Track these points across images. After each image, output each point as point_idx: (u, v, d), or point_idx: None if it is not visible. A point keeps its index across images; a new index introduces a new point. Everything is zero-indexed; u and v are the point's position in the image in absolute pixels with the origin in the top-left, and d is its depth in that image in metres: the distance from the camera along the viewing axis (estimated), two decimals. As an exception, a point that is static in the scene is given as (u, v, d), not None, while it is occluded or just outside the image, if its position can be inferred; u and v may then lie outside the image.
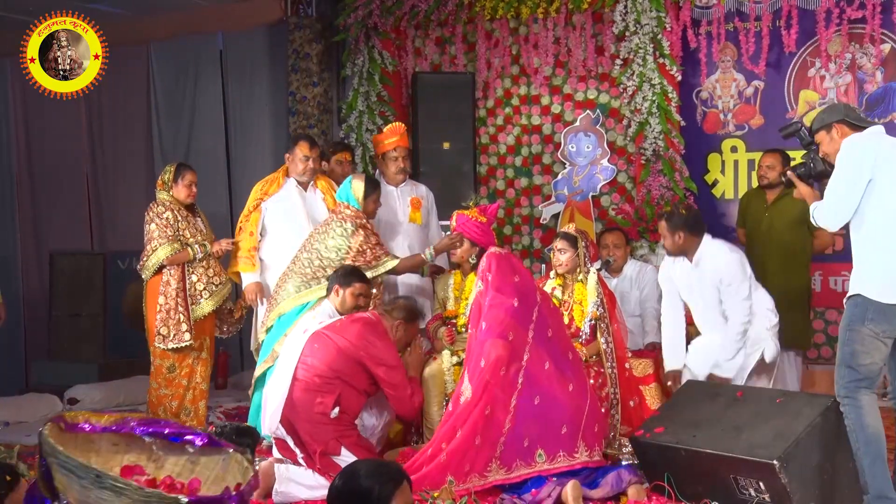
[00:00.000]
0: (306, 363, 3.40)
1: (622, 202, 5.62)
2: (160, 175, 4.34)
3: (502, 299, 3.31)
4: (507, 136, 6.02)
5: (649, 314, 4.39)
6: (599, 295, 3.84)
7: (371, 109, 5.91)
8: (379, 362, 3.39)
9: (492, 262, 3.40)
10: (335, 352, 3.37)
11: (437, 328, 4.16)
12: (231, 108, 6.37)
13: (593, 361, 3.80)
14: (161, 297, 4.17)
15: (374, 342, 3.41)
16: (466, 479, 3.14)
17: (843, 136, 3.08)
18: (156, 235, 4.17)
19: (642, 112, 5.33)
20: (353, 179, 4.10)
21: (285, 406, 3.38)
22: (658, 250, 5.15)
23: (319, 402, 3.32)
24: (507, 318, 3.28)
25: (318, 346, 3.42)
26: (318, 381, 3.35)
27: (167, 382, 4.21)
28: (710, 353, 3.79)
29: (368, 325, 3.47)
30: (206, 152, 6.25)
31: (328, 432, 3.30)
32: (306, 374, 3.38)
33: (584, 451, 3.20)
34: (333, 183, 4.59)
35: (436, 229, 4.93)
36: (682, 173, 5.33)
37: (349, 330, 3.44)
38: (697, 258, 3.84)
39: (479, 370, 3.24)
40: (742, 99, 5.37)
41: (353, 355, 3.38)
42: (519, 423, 3.18)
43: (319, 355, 3.39)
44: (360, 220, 3.97)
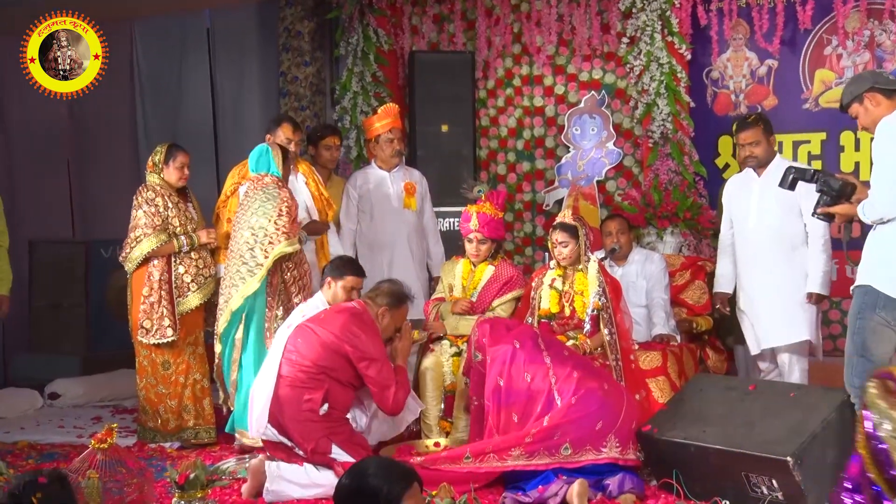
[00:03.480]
0: (290, 359, 3.37)
1: (628, 187, 5.60)
2: (150, 156, 4.29)
3: (504, 349, 3.37)
4: (508, 118, 5.99)
5: (657, 304, 4.36)
6: (601, 284, 3.82)
7: (366, 90, 5.87)
8: (362, 356, 3.35)
9: (485, 329, 3.46)
10: (319, 345, 3.34)
11: (438, 307, 4.13)
12: (219, 90, 6.32)
13: (597, 354, 3.77)
14: (145, 289, 4.13)
15: (357, 334, 3.36)
16: (484, 458, 3.23)
17: (878, 104, 3.07)
18: (142, 223, 4.12)
19: (650, 93, 5.29)
20: (270, 148, 4.00)
21: (272, 405, 3.35)
22: (666, 238, 5.12)
23: (307, 399, 3.29)
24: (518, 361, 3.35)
25: (302, 340, 3.39)
26: (303, 377, 3.32)
27: (163, 380, 4.17)
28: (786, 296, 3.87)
29: (354, 317, 3.43)
30: (193, 135, 6.19)
31: (318, 430, 3.28)
32: (291, 370, 3.35)
33: (614, 447, 3.19)
34: (313, 167, 4.53)
35: (430, 216, 4.91)
36: (692, 157, 5.30)
37: (333, 322, 3.40)
38: (772, 169, 3.92)
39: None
40: (755, 79, 5.33)
41: (337, 348, 3.34)
42: (556, 420, 3.22)
43: (303, 350, 3.36)
44: (282, 184, 3.92)
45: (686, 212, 5.10)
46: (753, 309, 4.02)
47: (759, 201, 3.99)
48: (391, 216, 4.71)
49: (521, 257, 5.97)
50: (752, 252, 4.01)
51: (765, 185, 3.97)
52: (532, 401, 3.28)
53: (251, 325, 3.82)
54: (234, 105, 6.31)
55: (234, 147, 6.18)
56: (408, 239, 4.73)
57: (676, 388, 3.82)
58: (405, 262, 4.69)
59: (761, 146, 3.96)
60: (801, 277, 3.90)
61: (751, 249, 4.01)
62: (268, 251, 3.75)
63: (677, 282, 4.58)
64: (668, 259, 4.64)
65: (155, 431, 4.18)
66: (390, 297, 3.58)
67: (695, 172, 5.30)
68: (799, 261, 3.91)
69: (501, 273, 4.10)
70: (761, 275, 3.97)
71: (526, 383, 3.29)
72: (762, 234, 3.97)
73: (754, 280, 4.00)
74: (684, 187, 5.24)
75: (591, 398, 3.23)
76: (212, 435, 4.20)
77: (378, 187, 4.73)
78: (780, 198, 3.80)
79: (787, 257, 3.92)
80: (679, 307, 4.56)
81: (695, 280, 4.59)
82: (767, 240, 3.95)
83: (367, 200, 4.75)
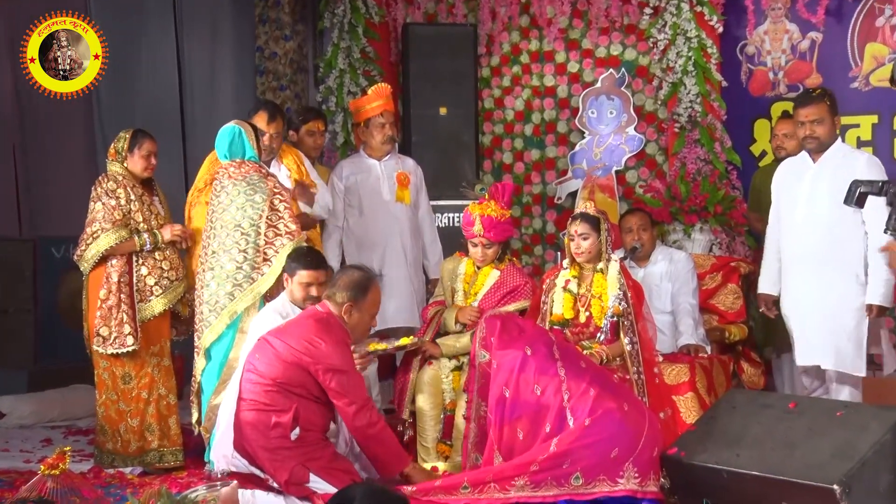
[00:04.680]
0: (250, 379, 3.33)
1: (651, 178, 5.59)
2: (113, 143, 4.28)
3: (514, 354, 3.35)
4: (515, 99, 5.98)
5: (683, 310, 4.35)
6: (622, 287, 3.80)
7: (353, 68, 5.86)
8: (326, 368, 3.28)
9: (495, 325, 3.43)
10: (277, 360, 3.30)
11: (440, 312, 4.12)
12: (187, 68, 6.29)
13: (616, 366, 3.76)
14: (102, 291, 4.11)
15: (316, 343, 3.29)
16: (484, 489, 3.19)
17: None
18: (99, 217, 4.11)
19: (676, 71, 5.30)
20: (241, 128, 3.95)
21: (236, 432, 3.32)
22: (694, 236, 5.12)
23: (275, 423, 3.25)
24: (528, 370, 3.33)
25: (260, 356, 3.35)
26: (266, 398, 3.28)
27: (124, 395, 4.14)
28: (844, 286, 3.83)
29: (318, 323, 3.36)
30: (157, 120, 6.14)
31: (291, 457, 3.24)
32: (253, 391, 3.31)
33: (632, 478, 3.16)
34: (304, 157, 4.53)
35: (426, 211, 4.90)
36: (724, 143, 5.30)
37: (291, 332, 3.36)
38: (830, 155, 3.89)
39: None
40: (796, 54, 5.33)
41: (297, 361, 3.29)
42: (566, 446, 3.20)
43: (262, 367, 3.32)
44: (264, 173, 3.91)
45: (717, 205, 5.09)
46: (798, 316, 4.00)
47: (811, 192, 3.94)
48: (382, 211, 4.70)
49: (529, 257, 5.96)
50: (798, 250, 3.97)
51: (819, 173, 3.92)
52: (540, 417, 3.27)
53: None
54: (205, 85, 6.28)
55: (204, 133, 6.14)
56: (401, 236, 4.72)
57: (706, 406, 3.81)
58: (398, 263, 4.68)
59: (824, 126, 3.88)
60: (855, 283, 3.84)
61: (797, 247, 3.98)
62: (267, 253, 3.76)
63: (707, 285, 4.57)
64: (697, 259, 4.63)
65: (114, 454, 4.16)
66: (350, 289, 3.44)
67: (727, 161, 5.30)
68: (853, 263, 3.84)
69: (508, 279, 4.08)
70: (808, 277, 3.93)
71: (535, 397, 3.28)
72: (811, 231, 3.92)
73: (800, 283, 3.97)
74: (715, 178, 5.24)
75: (608, 420, 3.21)
76: (179, 458, 4.18)
77: (367, 178, 4.72)
78: (835, 189, 3.72)
79: (840, 259, 3.86)
80: (709, 314, 4.55)
81: (727, 283, 4.59)
82: (817, 237, 3.90)
83: (354, 193, 4.74)
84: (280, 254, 3.78)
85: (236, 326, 3.79)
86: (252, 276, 3.80)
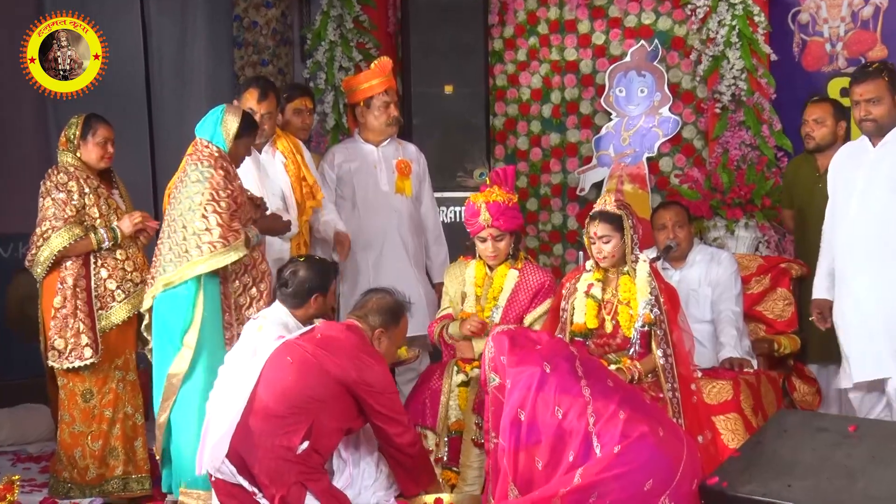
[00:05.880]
0: (272, 381, 3.39)
1: (689, 166, 5.59)
2: (63, 130, 4.30)
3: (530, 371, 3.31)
4: (531, 76, 5.98)
5: (726, 319, 4.34)
6: (653, 291, 3.79)
7: (346, 40, 5.88)
8: (375, 390, 3.40)
9: (504, 344, 3.40)
10: (317, 372, 3.37)
11: (446, 325, 4.12)
12: (153, 40, 6.32)
13: (648, 383, 3.75)
14: (57, 298, 4.12)
15: (368, 362, 3.42)
16: None
17: None
18: (49, 215, 4.12)
19: (717, 42, 5.29)
20: (226, 111, 3.97)
21: (235, 436, 3.36)
22: (738, 233, 5.11)
23: (284, 432, 3.31)
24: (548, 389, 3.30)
25: (293, 360, 3.41)
26: (284, 406, 3.34)
27: (83, 415, 4.15)
28: None
29: (362, 339, 3.50)
30: (120, 102, 6.16)
31: (291, 472, 3.29)
32: (270, 397, 3.37)
33: None
34: (299, 143, 4.54)
35: (430, 204, 4.90)
36: (772, 126, 5.29)
37: (337, 346, 3.44)
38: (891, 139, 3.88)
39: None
40: (857, 22, 5.32)
41: (344, 380, 3.39)
42: (593, 477, 3.18)
43: (292, 374, 3.38)
44: (221, 161, 3.87)
45: (765, 198, 5.08)
46: (854, 324, 3.99)
47: (868, 181, 3.92)
48: (379, 204, 4.70)
49: (547, 257, 5.96)
50: (851, 247, 3.97)
51: (879, 159, 3.90)
52: (562, 444, 3.25)
53: (199, 354, 3.80)
54: (174, 60, 6.30)
55: (174, 116, 6.19)
56: (400, 233, 4.72)
57: (753, 429, 3.79)
58: (398, 264, 4.69)
59: (883, 106, 3.86)
60: None
61: (849, 244, 3.98)
62: (192, 257, 3.72)
63: (753, 290, 4.57)
64: (742, 260, 4.63)
65: (70, 483, 4.18)
66: (384, 314, 3.60)
67: (776, 146, 5.28)
68: None
69: (529, 278, 4.09)
70: (860, 278, 3.93)
71: (556, 420, 3.26)
72: (864, 225, 3.92)
73: (855, 285, 3.96)
74: (762, 166, 5.22)
75: (641, 447, 3.19)
76: (145, 486, 4.19)
77: (363, 166, 4.73)
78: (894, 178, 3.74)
79: None
80: (756, 323, 4.55)
81: (776, 287, 4.58)
82: (870, 233, 3.90)
83: (347, 183, 4.75)
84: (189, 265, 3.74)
85: (180, 339, 3.78)
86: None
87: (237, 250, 3.74)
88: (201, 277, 3.74)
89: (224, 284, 3.84)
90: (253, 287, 3.92)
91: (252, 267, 3.93)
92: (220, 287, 3.83)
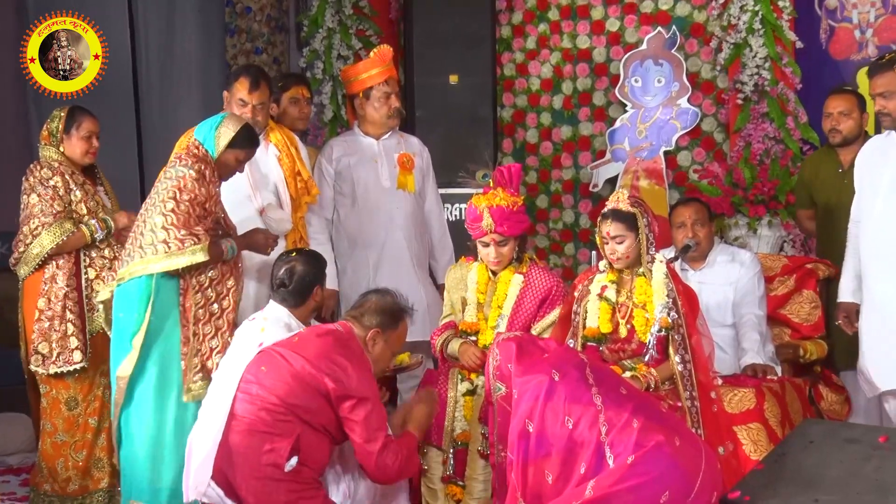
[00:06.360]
0: (250, 392, 3.38)
1: (708, 160, 5.60)
2: (45, 123, 4.32)
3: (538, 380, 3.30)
4: (541, 65, 5.99)
5: (748, 323, 4.34)
6: (671, 294, 3.78)
7: (345, 27, 5.90)
8: (346, 393, 3.32)
9: (510, 352, 3.39)
10: (290, 377, 3.35)
11: (447, 340, 4.10)
12: (141, 26, 6.31)
13: (665, 391, 3.75)
14: (42, 300, 4.14)
15: (343, 365, 3.36)
16: None
17: None
18: (37, 212, 4.14)
19: (739, 29, 5.30)
20: (226, 118, 3.96)
21: (219, 454, 3.36)
22: (761, 231, 5.10)
23: (269, 448, 3.29)
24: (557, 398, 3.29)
25: (268, 369, 3.39)
26: (266, 419, 3.32)
27: (67, 424, 4.16)
28: None
29: (338, 342, 3.43)
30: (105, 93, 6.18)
31: (280, 492, 3.27)
32: (251, 409, 3.35)
33: None
34: (294, 136, 4.54)
35: (434, 200, 4.90)
36: (798, 118, 5.29)
37: (309, 347, 3.41)
38: None
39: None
40: (888, 8, 5.32)
41: (315, 382, 3.34)
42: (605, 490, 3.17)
43: (269, 382, 3.37)
44: (202, 165, 3.83)
45: (789, 194, 5.09)
46: (871, 330, 3.98)
47: (894, 178, 3.93)
48: (380, 200, 4.70)
49: (558, 257, 5.96)
50: (874, 249, 3.96)
51: None
52: (573, 455, 3.24)
53: (149, 358, 3.75)
54: (163, 48, 6.30)
55: (162, 108, 6.19)
56: (403, 231, 4.72)
57: (777, 440, 3.78)
58: (400, 265, 4.69)
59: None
60: None
61: (873, 245, 3.97)
62: (146, 254, 3.68)
63: (778, 291, 4.56)
64: (765, 260, 4.61)
65: (52, 497, 4.18)
66: (382, 315, 3.56)
67: (802, 139, 5.29)
68: None
69: (535, 283, 4.06)
70: (884, 281, 3.92)
71: (566, 430, 3.26)
72: (890, 225, 3.91)
73: (874, 288, 3.96)
74: (787, 160, 5.23)
75: (657, 458, 3.18)
76: (131, 500, 4.21)
77: (362, 161, 4.72)
78: None
79: None
80: (780, 327, 4.54)
81: (802, 289, 4.56)
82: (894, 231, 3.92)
83: (346, 179, 4.74)
84: (141, 262, 3.71)
85: (130, 339, 3.73)
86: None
87: (194, 254, 3.66)
88: (154, 278, 3.67)
89: (184, 296, 3.76)
90: (215, 303, 3.83)
91: (218, 282, 3.85)
92: (177, 295, 3.76)
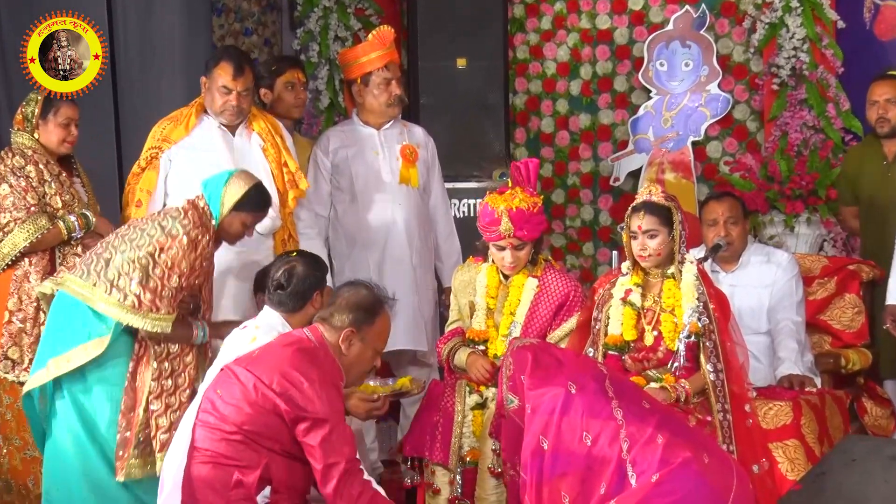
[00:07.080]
0: (207, 422, 3.25)
1: (741, 152, 5.60)
2: (20, 107, 4.34)
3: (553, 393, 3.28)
4: (557, 48, 5.99)
5: (785, 330, 4.33)
6: (702, 297, 3.77)
7: (342, 5, 5.92)
8: (301, 415, 3.19)
9: (525, 362, 3.36)
10: (244, 401, 3.22)
11: (454, 349, 4.10)
12: (118, 4, 6.33)
13: (694, 404, 3.74)
14: (11, 301, 4.14)
15: (298, 382, 3.20)
16: None
17: None
18: (8, 205, 4.14)
19: (775, 7, 5.31)
20: (236, 175, 3.92)
21: (184, 491, 3.26)
22: (799, 229, 5.10)
23: (237, 480, 3.18)
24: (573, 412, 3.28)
25: (223, 392, 3.28)
26: (228, 451, 3.21)
27: (38, 438, 4.18)
28: None
29: (300, 353, 3.30)
30: (80, 76, 6.22)
31: None
32: (210, 439, 3.24)
33: None
34: (278, 124, 4.53)
35: (440, 195, 4.91)
36: (839, 105, 5.29)
37: (266, 362, 3.29)
38: None
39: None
40: (939, -16, 5.31)
41: (268, 405, 3.21)
42: None
43: (225, 409, 3.24)
44: (199, 232, 3.80)
45: (830, 189, 5.10)
46: None
47: None
48: (381, 196, 4.71)
49: (576, 257, 5.96)
50: None
51: None
52: (592, 474, 3.23)
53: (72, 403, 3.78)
54: (143, 31, 6.31)
55: (143, 93, 6.18)
56: (406, 229, 4.72)
57: (816, 459, 3.79)
58: (402, 265, 4.70)
59: None
60: None
61: None
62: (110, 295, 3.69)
63: (817, 295, 4.56)
64: (803, 261, 4.62)
65: (17, 517, 4.20)
66: (356, 311, 3.39)
67: (844, 128, 5.29)
68: None
69: (551, 287, 4.05)
70: None
71: (584, 447, 3.25)
72: None
73: None
74: (827, 151, 5.22)
75: (683, 476, 3.16)
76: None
77: (362, 153, 4.73)
78: None
79: None
80: (820, 334, 4.55)
81: (844, 293, 4.57)
82: None
83: (345, 172, 4.75)
84: (102, 297, 3.71)
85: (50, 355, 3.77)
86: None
87: (156, 323, 3.71)
88: (114, 324, 3.72)
89: (136, 361, 3.80)
90: (170, 378, 3.85)
91: (176, 356, 3.87)
92: (128, 357, 3.79)
